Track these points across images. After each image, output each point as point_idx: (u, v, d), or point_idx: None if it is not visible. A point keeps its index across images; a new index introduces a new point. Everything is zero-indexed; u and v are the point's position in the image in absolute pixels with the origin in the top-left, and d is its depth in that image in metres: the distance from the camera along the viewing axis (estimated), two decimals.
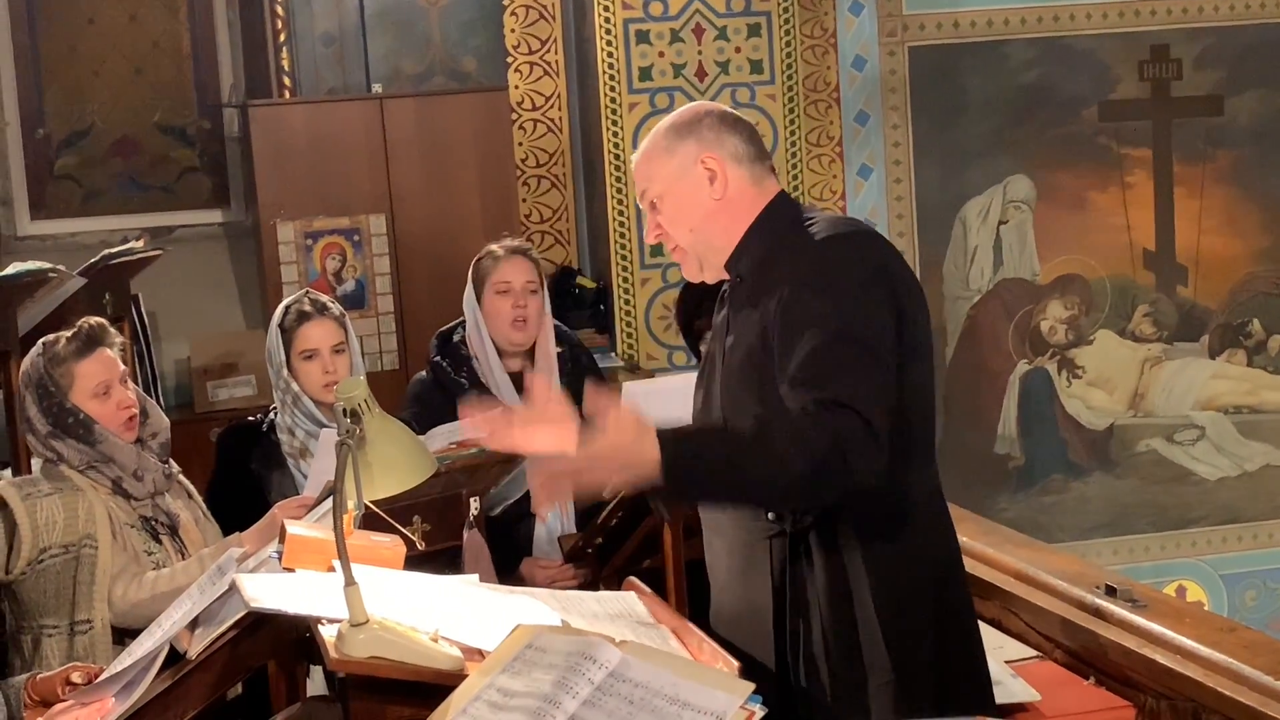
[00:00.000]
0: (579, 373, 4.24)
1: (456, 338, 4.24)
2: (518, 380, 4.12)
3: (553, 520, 4.06)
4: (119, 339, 3.63)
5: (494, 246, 4.25)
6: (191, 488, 3.73)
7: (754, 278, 2.71)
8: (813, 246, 2.65)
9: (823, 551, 2.63)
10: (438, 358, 4.22)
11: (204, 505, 3.73)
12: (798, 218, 2.74)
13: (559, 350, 4.24)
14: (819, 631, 2.62)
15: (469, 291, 4.21)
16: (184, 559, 3.49)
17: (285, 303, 4.01)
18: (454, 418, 3.86)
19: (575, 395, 4.13)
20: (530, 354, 4.20)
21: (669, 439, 2.42)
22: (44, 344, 3.55)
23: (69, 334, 3.54)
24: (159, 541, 3.51)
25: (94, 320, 3.61)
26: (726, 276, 2.79)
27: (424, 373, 4.28)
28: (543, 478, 2.48)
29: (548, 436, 2.50)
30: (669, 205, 2.76)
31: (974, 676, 2.74)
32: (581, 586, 3.81)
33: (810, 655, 2.62)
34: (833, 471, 2.44)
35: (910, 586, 2.63)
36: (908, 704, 2.57)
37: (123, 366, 3.58)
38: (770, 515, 2.65)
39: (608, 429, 2.41)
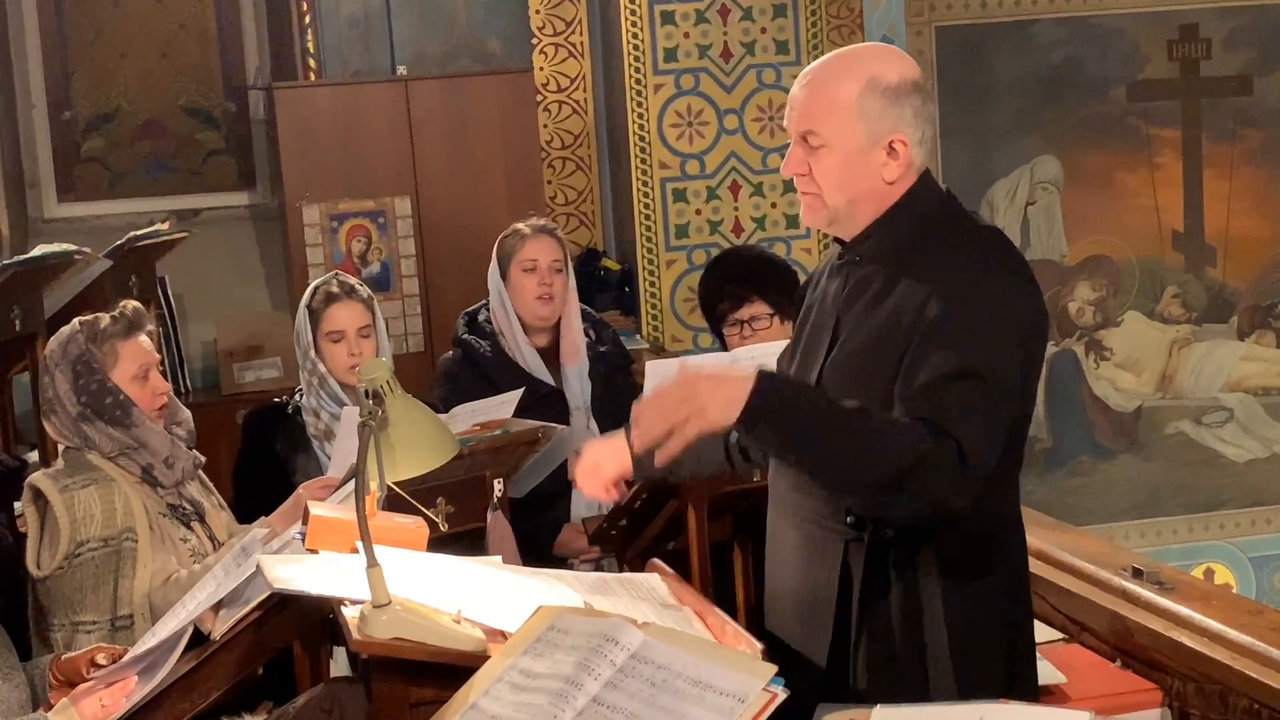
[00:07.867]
0: (603, 356, 4.28)
1: (482, 317, 4.28)
2: (544, 355, 4.18)
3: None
4: (152, 327, 3.58)
5: (520, 225, 4.29)
6: (205, 478, 3.65)
7: (882, 265, 2.54)
8: (966, 266, 2.48)
9: (899, 568, 2.51)
10: (466, 334, 4.24)
11: (218, 493, 3.68)
12: (942, 212, 2.58)
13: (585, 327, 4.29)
14: (886, 645, 2.52)
15: (493, 268, 4.24)
16: (215, 546, 3.45)
17: (314, 284, 4.02)
18: (486, 392, 3.89)
19: (600, 378, 4.21)
20: (556, 330, 4.23)
21: (768, 375, 2.37)
22: (82, 322, 3.44)
23: (113, 314, 3.45)
24: (190, 529, 3.46)
25: (135, 304, 3.54)
26: (845, 238, 2.61)
27: (452, 351, 4.30)
28: (640, 413, 2.41)
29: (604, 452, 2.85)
30: (831, 161, 2.52)
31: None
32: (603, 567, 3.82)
33: (873, 665, 2.53)
34: (906, 489, 2.35)
35: (985, 617, 2.53)
36: None
37: (156, 355, 3.53)
38: (849, 520, 2.52)
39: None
